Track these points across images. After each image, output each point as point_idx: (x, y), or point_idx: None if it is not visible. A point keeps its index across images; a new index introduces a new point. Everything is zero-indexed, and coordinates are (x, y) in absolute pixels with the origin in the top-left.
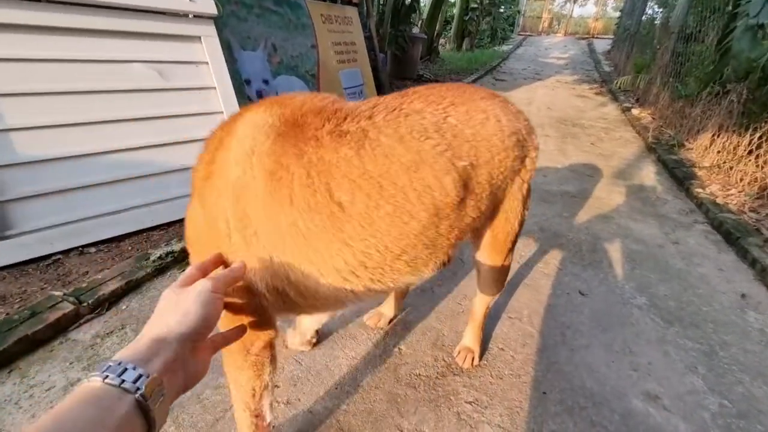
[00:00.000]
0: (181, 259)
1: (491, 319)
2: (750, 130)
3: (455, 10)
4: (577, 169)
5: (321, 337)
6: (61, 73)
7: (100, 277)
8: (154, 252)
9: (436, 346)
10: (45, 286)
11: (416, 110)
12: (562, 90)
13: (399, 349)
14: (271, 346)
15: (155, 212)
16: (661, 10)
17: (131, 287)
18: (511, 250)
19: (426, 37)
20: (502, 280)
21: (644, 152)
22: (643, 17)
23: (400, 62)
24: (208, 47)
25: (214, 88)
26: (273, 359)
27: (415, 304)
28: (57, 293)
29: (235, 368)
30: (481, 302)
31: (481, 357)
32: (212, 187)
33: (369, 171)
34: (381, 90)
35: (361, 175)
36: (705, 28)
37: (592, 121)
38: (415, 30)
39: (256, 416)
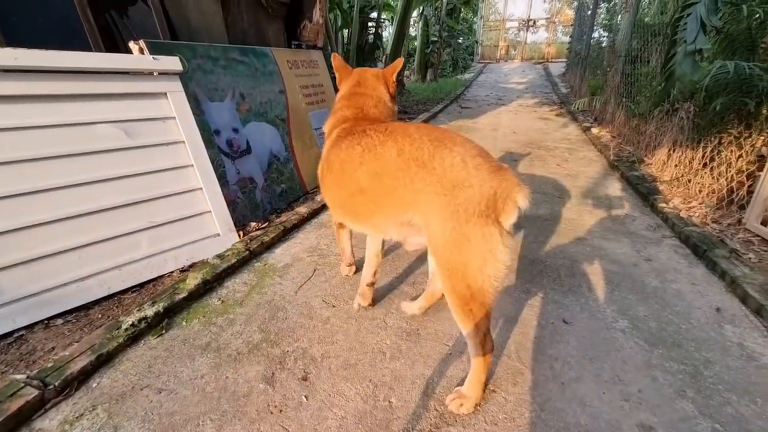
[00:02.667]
0: (155, 324)
1: None
2: (702, 143)
3: (416, 43)
4: (547, 192)
5: (308, 394)
6: (23, 140)
7: (67, 353)
8: (126, 319)
9: (426, 394)
10: (6, 369)
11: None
12: (525, 113)
13: (389, 402)
14: (342, 226)
15: (126, 274)
16: (607, 34)
17: (102, 361)
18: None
19: None
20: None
21: (608, 170)
22: (591, 41)
23: None
24: (175, 102)
25: (183, 141)
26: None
27: (401, 349)
28: (19, 377)
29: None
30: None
31: (477, 405)
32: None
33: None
34: None
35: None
36: (649, 50)
37: (556, 142)
38: (380, 65)
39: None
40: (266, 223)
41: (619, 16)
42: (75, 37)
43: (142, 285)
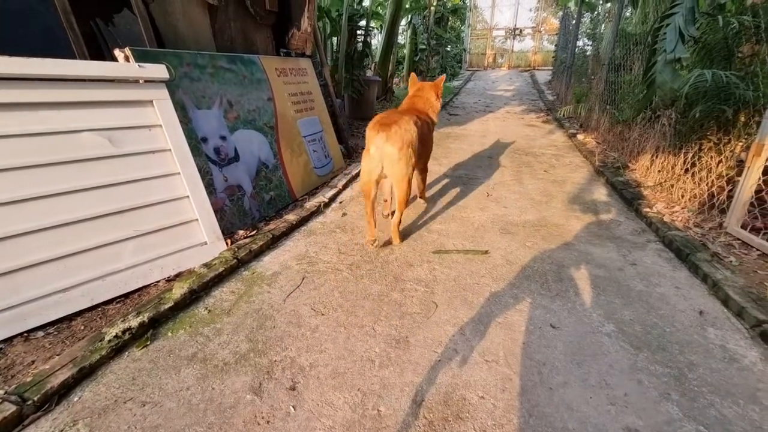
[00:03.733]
0: (139, 335)
1: (470, 365)
2: (683, 150)
3: (405, 51)
4: (535, 198)
5: (296, 404)
6: (4, 149)
7: (48, 366)
8: (110, 331)
9: (415, 402)
10: None
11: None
12: (512, 120)
13: (378, 411)
14: None
15: (110, 284)
16: (590, 43)
17: (84, 374)
18: None
19: (380, 78)
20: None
21: (593, 176)
22: (576, 50)
23: (357, 104)
24: (161, 110)
25: (169, 149)
26: None
27: (390, 357)
28: None
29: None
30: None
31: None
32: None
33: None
34: (340, 133)
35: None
36: (631, 59)
37: (543, 148)
38: (369, 73)
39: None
40: (254, 231)
41: (603, 26)
42: (59, 44)
43: (126, 295)
